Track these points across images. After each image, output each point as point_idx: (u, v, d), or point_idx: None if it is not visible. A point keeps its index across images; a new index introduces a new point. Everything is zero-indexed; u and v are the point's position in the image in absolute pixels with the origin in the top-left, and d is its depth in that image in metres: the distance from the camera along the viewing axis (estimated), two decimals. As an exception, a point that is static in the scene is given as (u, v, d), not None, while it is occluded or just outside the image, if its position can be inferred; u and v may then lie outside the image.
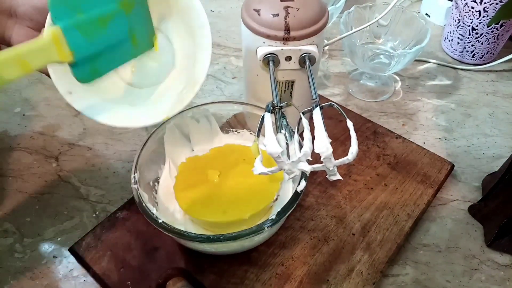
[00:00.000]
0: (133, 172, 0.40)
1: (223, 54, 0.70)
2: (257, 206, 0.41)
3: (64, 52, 0.32)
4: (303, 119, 0.34)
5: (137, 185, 0.39)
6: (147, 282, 0.41)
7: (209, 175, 0.44)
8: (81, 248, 0.43)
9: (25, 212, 0.48)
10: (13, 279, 0.43)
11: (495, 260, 0.45)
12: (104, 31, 0.34)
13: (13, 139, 0.56)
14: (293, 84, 0.45)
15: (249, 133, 0.50)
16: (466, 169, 0.53)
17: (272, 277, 0.41)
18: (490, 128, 0.58)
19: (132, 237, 0.44)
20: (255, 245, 0.43)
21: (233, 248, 0.41)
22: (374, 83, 0.64)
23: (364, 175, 0.50)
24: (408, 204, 0.47)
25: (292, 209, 0.37)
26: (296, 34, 0.39)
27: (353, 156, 0.32)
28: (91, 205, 0.49)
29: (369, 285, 0.41)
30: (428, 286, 0.43)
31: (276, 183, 0.43)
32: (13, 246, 0.45)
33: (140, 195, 0.38)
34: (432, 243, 0.46)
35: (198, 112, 0.47)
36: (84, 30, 0.32)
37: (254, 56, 0.42)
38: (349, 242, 0.44)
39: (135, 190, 0.39)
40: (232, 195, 0.43)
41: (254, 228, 0.36)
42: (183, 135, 0.48)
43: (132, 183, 0.39)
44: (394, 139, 0.54)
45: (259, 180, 0.43)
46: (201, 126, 0.48)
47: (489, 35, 0.63)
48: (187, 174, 0.45)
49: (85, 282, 0.43)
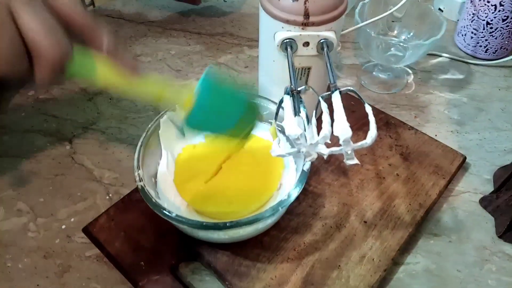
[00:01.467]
0: (136, 169, 0.39)
1: (236, 43, 0.70)
2: (262, 194, 0.41)
3: (188, 103, 0.35)
4: (322, 102, 0.34)
5: (142, 182, 0.38)
6: (160, 263, 0.41)
7: (209, 165, 0.44)
8: (95, 229, 0.44)
9: (39, 192, 0.49)
10: (27, 257, 0.43)
11: (506, 252, 0.45)
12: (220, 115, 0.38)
13: (26, 122, 0.56)
14: (309, 71, 0.45)
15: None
16: (477, 162, 0.53)
17: (284, 261, 0.42)
18: (502, 123, 0.58)
19: (146, 219, 0.44)
20: (266, 228, 0.43)
21: (245, 233, 0.41)
22: (386, 76, 0.64)
23: (376, 165, 0.50)
24: (420, 194, 0.47)
25: (302, 186, 0.37)
26: (315, 19, 0.39)
27: (372, 140, 0.32)
28: (105, 187, 0.49)
29: (380, 272, 0.41)
30: (439, 275, 0.43)
31: (278, 171, 0.44)
32: (27, 225, 0.46)
33: (148, 191, 0.38)
34: (443, 234, 0.46)
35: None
36: (211, 103, 0.36)
37: (271, 41, 0.42)
38: (360, 230, 0.44)
39: (142, 187, 0.38)
40: (235, 185, 0.43)
41: (269, 210, 0.36)
42: (178, 128, 0.47)
43: (137, 180, 0.38)
44: (406, 130, 0.54)
45: (260, 169, 0.44)
46: None
47: (504, 30, 0.63)
48: (186, 166, 0.44)
49: (98, 262, 0.43)
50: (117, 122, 0.56)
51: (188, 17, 0.75)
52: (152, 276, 0.40)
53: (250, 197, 0.42)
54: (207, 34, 0.71)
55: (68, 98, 0.59)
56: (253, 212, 0.40)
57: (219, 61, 0.66)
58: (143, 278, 0.40)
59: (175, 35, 0.71)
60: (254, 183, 0.43)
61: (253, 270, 0.41)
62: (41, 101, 0.59)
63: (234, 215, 0.40)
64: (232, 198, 0.42)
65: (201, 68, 0.65)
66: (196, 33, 0.71)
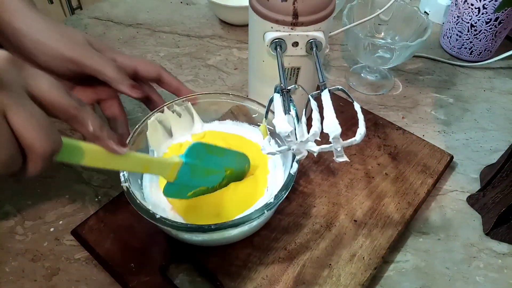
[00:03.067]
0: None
1: (225, 45, 0.70)
2: (249, 205, 0.41)
3: (172, 175, 0.38)
4: (312, 100, 0.34)
5: (127, 182, 0.38)
6: (150, 264, 0.41)
7: None
8: (84, 231, 0.43)
9: (26, 195, 0.48)
10: (14, 261, 0.43)
11: (493, 249, 0.46)
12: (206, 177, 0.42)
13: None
14: (298, 71, 0.45)
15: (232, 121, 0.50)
16: (464, 162, 0.54)
17: (275, 261, 0.42)
18: (487, 123, 0.59)
19: (135, 220, 0.44)
20: (253, 231, 0.43)
21: (231, 236, 0.40)
22: (374, 77, 0.65)
23: (365, 165, 0.51)
24: (409, 193, 0.48)
25: (288, 191, 0.37)
26: (304, 19, 0.40)
27: (361, 137, 0.32)
28: (93, 189, 0.49)
29: (371, 270, 0.41)
30: (428, 273, 0.43)
31: (263, 177, 0.44)
32: (14, 228, 0.45)
33: (133, 192, 0.37)
34: (432, 232, 0.47)
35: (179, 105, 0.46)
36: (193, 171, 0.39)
37: (261, 41, 0.42)
38: (351, 228, 0.45)
39: (127, 188, 0.37)
40: (223, 195, 0.42)
41: (254, 213, 0.36)
42: (166, 130, 0.47)
43: (122, 181, 0.38)
44: (394, 130, 0.55)
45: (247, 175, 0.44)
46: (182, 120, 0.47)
47: (488, 32, 0.64)
48: None
49: (86, 265, 0.43)
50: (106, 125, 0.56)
51: (177, 19, 0.75)
52: (142, 277, 0.40)
53: (237, 208, 0.41)
54: (196, 36, 0.72)
55: (56, 100, 0.59)
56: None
57: (208, 63, 0.66)
58: (133, 280, 0.40)
59: (164, 37, 0.71)
60: (240, 192, 0.43)
61: (244, 270, 0.41)
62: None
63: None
64: (219, 211, 0.41)
65: (190, 70, 0.65)
66: (185, 35, 0.72)
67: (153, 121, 0.44)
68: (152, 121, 0.44)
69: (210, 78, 0.64)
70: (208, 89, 0.62)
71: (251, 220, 0.36)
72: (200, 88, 0.62)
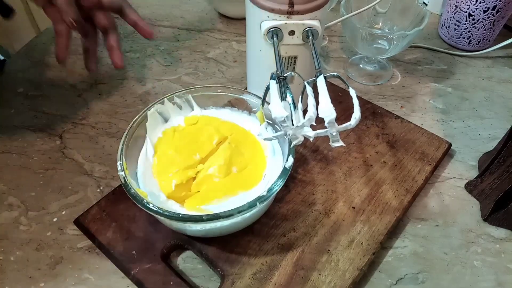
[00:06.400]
0: (118, 159, 0.39)
1: (225, 38, 0.70)
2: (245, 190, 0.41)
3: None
4: (307, 86, 0.35)
5: (123, 172, 0.38)
6: (152, 252, 0.42)
7: (190, 156, 0.43)
8: (86, 220, 0.44)
9: (29, 187, 0.49)
10: (19, 250, 0.43)
11: (491, 234, 0.46)
12: None
13: (16, 118, 0.56)
14: (295, 60, 0.46)
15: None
16: (462, 149, 0.54)
17: (274, 247, 0.42)
18: (486, 111, 0.60)
19: (136, 209, 0.44)
20: (248, 223, 0.43)
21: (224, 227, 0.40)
22: (373, 68, 0.65)
23: (364, 153, 0.51)
24: (407, 180, 0.48)
25: (282, 184, 0.37)
26: (299, 8, 0.40)
27: (356, 121, 0.33)
28: (95, 181, 0.50)
29: (369, 255, 0.42)
30: (426, 258, 0.44)
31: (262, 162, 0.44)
32: (18, 219, 0.46)
33: (129, 181, 0.38)
34: (430, 218, 0.47)
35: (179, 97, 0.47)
36: None
37: (258, 31, 0.43)
38: (349, 215, 0.45)
39: (124, 177, 0.38)
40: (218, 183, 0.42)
41: (246, 205, 0.36)
42: (165, 120, 0.47)
43: (118, 170, 0.39)
44: (393, 119, 0.55)
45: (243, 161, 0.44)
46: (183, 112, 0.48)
47: (485, 21, 0.64)
48: (166, 159, 0.44)
49: (89, 253, 0.43)
50: (106, 117, 0.57)
51: (177, 13, 0.76)
52: (144, 264, 0.41)
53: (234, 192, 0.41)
54: (196, 30, 0.72)
55: (58, 95, 0.60)
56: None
57: (208, 56, 0.67)
58: (135, 267, 0.41)
59: (164, 31, 0.71)
60: (237, 176, 0.43)
61: (244, 256, 0.42)
62: (31, 98, 0.59)
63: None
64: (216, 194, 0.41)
65: (189, 63, 0.66)
66: (185, 29, 0.72)
67: (153, 112, 0.45)
68: (152, 112, 0.45)
69: (209, 71, 0.65)
70: (208, 81, 0.63)
71: (243, 212, 0.36)
72: (200, 81, 0.63)
